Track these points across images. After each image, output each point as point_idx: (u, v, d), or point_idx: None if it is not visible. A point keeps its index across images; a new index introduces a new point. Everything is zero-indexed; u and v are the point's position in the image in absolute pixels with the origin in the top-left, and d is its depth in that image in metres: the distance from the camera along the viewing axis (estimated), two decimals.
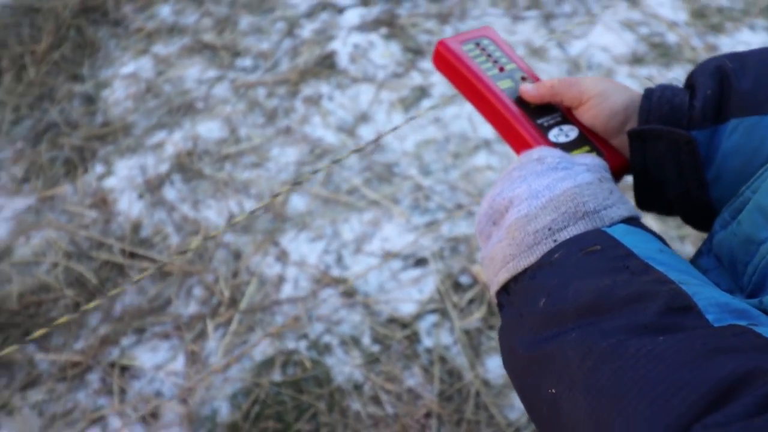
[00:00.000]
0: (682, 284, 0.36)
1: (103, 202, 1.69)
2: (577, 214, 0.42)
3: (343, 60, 1.97)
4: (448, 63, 0.58)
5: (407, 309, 1.48)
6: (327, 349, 1.45)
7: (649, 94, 0.53)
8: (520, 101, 0.57)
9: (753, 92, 0.50)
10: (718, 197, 0.52)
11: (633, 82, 1.86)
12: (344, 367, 1.42)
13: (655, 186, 0.54)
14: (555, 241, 0.42)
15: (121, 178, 1.74)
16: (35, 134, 1.87)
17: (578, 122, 0.56)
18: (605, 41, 2.01)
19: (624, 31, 2.05)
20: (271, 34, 2.08)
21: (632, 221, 0.44)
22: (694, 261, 0.52)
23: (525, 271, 0.42)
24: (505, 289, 0.45)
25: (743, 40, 2.00)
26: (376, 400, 1.38)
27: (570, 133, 0.55)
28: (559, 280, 0.39)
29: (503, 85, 0.58)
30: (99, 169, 1.76)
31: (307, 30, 2.09)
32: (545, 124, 0.56)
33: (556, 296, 0.38)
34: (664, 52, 1.98)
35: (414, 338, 1.44)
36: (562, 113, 0.57)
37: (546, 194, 0.44)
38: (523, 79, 0.59)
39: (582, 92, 0.54)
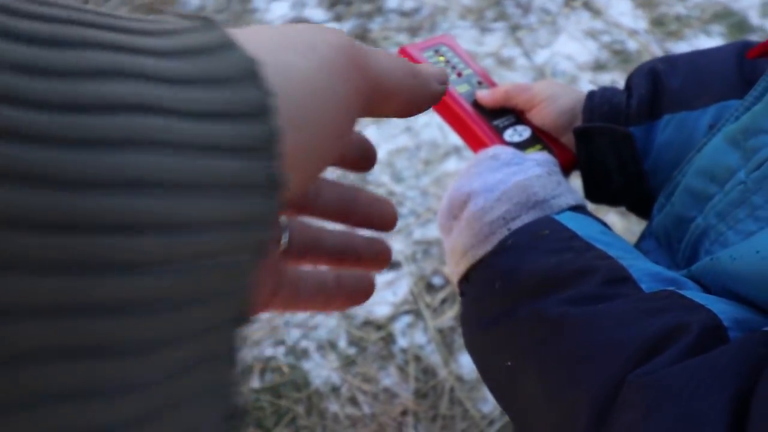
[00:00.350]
0: (620, 259, 0.40)
1: None
2: (528, 203, 0.45)
3: None
4: None
5: (382, 311, 1.51)
6: (304, 354, 1.48)
7: (591, 95, 0.59)
8: (477, 105, 0.61)
9: (682, 90, 0.56)
10: (656, 186, 0.57)
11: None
12: (321, 370, 1.44)
13: (601, 179, 0.59)
14: (509, 229, 0.44)
15: None
16: None
17: (530, 123, 0.60)
18: (569, 50, 2.08)
19: (587, 39, 2.12)
20: None
21: (579, 209, 0.47)
22: (637, 245, 0.56)
23: (483, 259, 0.45)
24: (466, 278, 0.48)
25: (700, 45, 2.07)
26: (353, 401, 1.40)
27: (523, 133, 0.59)
28: (512, 263, 0.42)
29: (461, 89, 0.61)
30: None
31: None
32: (500, 125, 0.59)
33: (509, 278, 0.42)
34: (625, 59, 2.05)
35: (389, 339, 1.48)
36: (516, 115, 0.61)
37: (500, 187, 0.47)
38: (480, 83, 0.63)
39: (533, 96, 0.59)
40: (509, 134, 0.59)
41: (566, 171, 0.59)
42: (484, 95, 0.60)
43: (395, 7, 2.27)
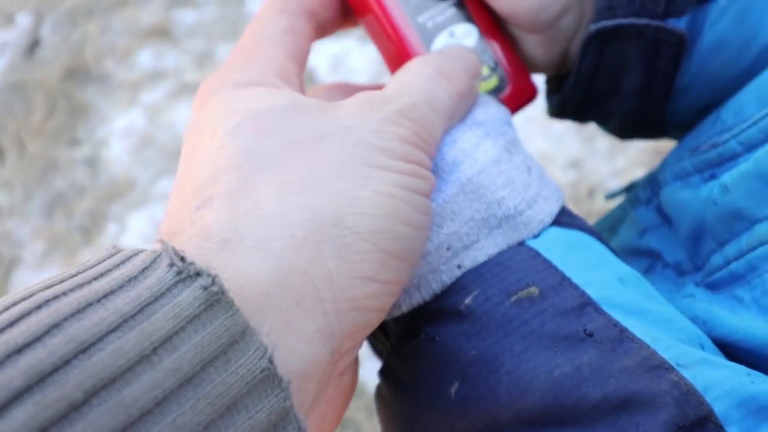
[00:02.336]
0: (681, 367, 0.23)
1: None
2: (489, 219, 0.27)
3: (321, 72, 1.74)
4: None
5: None
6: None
7: None
8: None
9: None
10: (675, 109, 0.38)
11: None
12: (377, 377, 1.66)
13: (597, 97, 0.37)
14: (459, 267, 0.27)
15: (135, 233, 1.84)
16: (47, 207, 1.93)
17: (479, 15, 0.36)
18: None
19: None
20: None
21: (564, 217, 0.29)
22: (625, 208, 0.41)
23: (416, 318, 0.28)
24: (384, 331, 0.31)
25: None
26: None
27: (465, 38, 0.36)
28: (479, 353, 0.25)
29: None
30: (113, 229, 1.84)
31: None
32: (429, 23, 0.35)
33: (477, 383, 0.25)
34: None
35: None
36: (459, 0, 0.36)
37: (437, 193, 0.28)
38: None
39: None
40: (442, 41, 0.35)
41: (518, 108, 0.37)
42: None
43: None
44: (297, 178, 0.23)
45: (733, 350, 0.28)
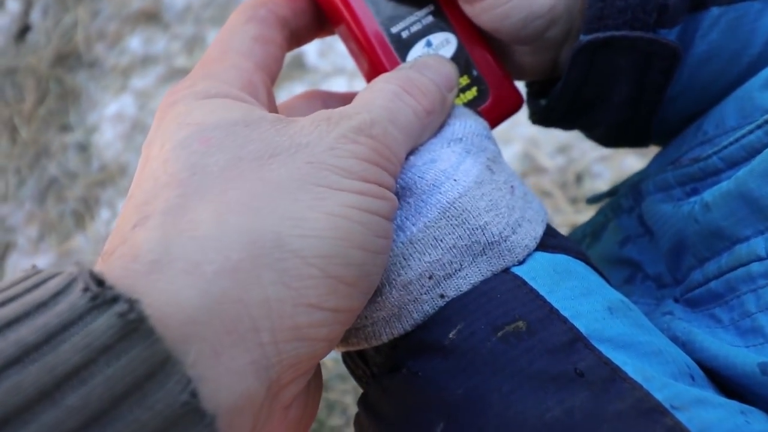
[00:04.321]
0: (676, 410, 0.22)
1: None
2: (473, 247, 0.26)
3: (312, 58, 1.74)
4: None
5: None
6: None
7: None
8: None
9: None
10: (663, 118, 0.38)
11: None
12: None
13: (582, 106, 0.37)
14: (442, 296, 0.26)
15: None
16: (40, 192, 1.94)
17: (459, 20, 0.34)
18: None
19: None
20: None
21: (546, 237, 0.28)
22: (607, 214, 0.41)
23: (397, 350, 0.27)
24: (363, 360, 0.30)
25: None
26: None
27: (443, 47, 0.34)
28: (465, 392, 0.24)
29: None
30: (105, 214, 1.85)
31: None
32: (404, 33, 0.33)
33: (464, 424, 0.23)
34: None
35: None
36: (436, 5, 0.34)
37: (415, 216, 0.27)
38: None
39: None
40: (418, 51, 0.33)
41: (499, 120, 0.35)
42: None
43: None
44: (240, 198, 0.21)
45: (714, 376, 0.27)
